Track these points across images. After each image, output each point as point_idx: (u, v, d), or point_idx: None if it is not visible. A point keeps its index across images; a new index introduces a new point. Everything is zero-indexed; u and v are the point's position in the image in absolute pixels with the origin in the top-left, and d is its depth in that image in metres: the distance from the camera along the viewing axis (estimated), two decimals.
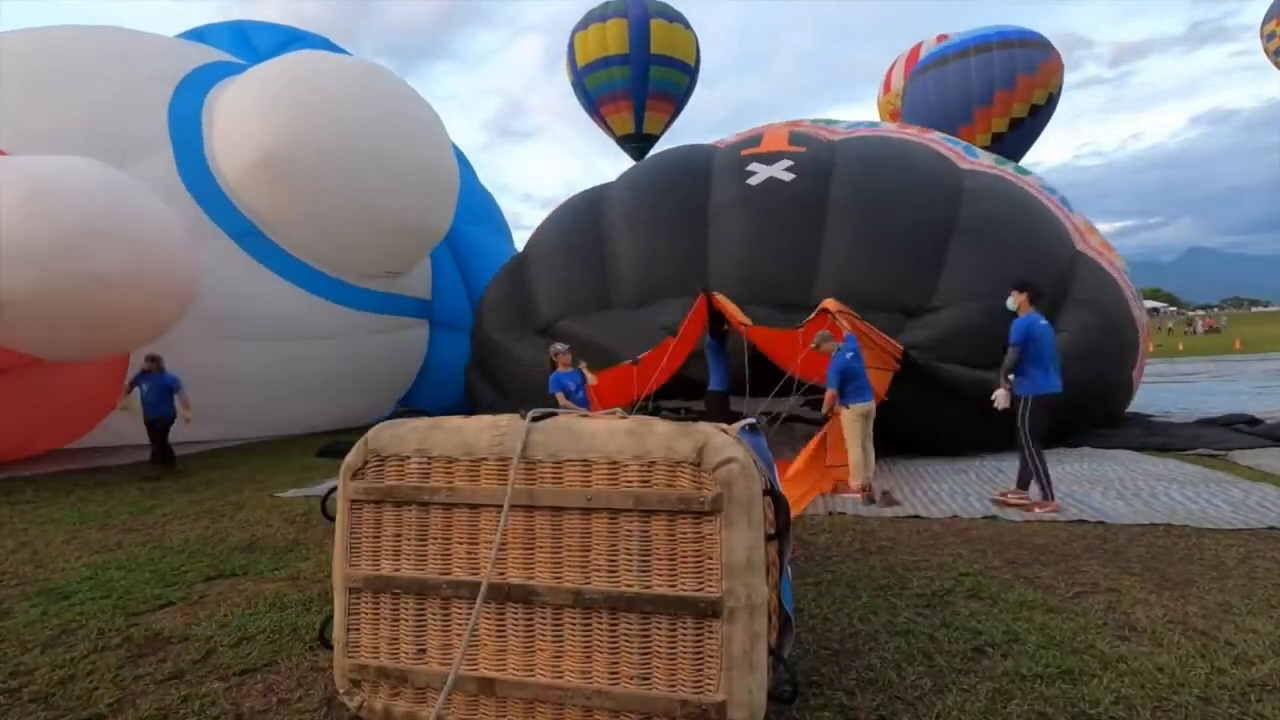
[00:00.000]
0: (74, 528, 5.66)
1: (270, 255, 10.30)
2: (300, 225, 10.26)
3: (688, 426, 2.30)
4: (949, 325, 7.87)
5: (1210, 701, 2.55)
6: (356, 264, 10.93)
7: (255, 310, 10.15)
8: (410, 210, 10.79)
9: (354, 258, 10.83)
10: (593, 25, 26.15)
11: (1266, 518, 4.87)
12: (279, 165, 9.74)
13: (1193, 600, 3.46)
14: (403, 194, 10.53)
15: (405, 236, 11.16)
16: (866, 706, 2.57)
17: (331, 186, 10.03)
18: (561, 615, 2.27)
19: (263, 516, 5.84)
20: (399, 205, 10.53)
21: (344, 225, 10.34)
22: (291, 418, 11.24)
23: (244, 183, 9.99)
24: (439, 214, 11.50)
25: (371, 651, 2.48)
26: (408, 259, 11.66)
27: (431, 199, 11.21)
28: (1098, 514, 5.11)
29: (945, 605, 3.49)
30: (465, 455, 2.43)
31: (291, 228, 10.27)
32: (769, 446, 2.77)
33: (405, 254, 11.52)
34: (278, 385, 10.63)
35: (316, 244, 10.48)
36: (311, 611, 3.60)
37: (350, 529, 2.54)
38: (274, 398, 10.74)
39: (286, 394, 10.79)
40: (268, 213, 10.16)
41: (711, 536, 2.16)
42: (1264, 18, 31.49)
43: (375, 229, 10.56)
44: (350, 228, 10.39)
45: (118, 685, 2.91)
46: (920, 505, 5.60)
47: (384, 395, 12.27)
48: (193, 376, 8.83)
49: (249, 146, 9.81)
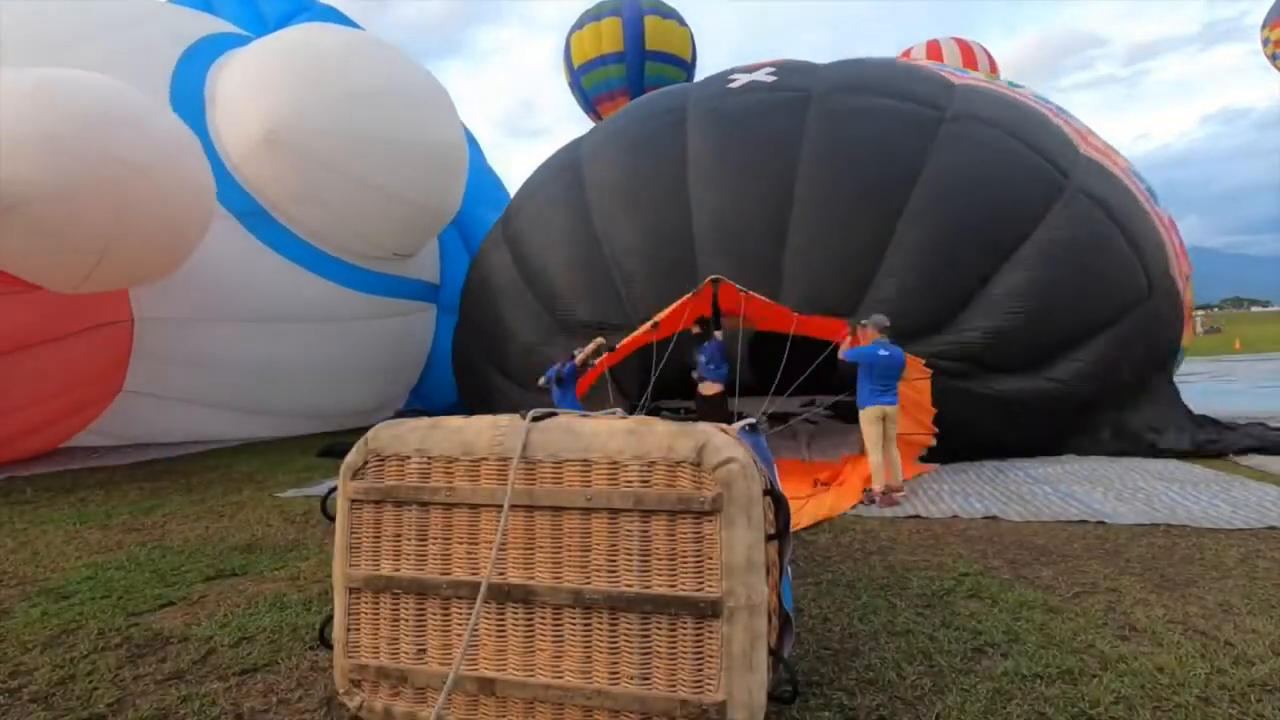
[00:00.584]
0: (74, 528, 5.66)
1: (275, 235, 10.04)
2: (305, 205, 10.01)
3: (688, 426, 2.30)
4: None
5: (1210, 701, 2.55)
6: (363, 245, 10.65)
7: (259, 291, 9.88)
8: (418, 189, 10.48)
9: (360, 238, 10.54)
10: (588, 25, 26.16)
11: (1266, 518, 4.87)
12: (282, 142, 9.49)
13: (1193, 600, 3.46)
14: (410, 172, 10.25)
15: (413, 216, 10.85)
16: (866, 706, 2.57)
17: (336, 164, 9.78)
18: (561, 615, 2.27)
19: (263, 516, 5.84)
20: (406, 184, 10.24)
21: (350, 204, 10.09)
22: (298, 404, 10.95)
23: (247, 160, 9.73)
24: (448, 193, 11.18)
25: (371, 651, 2.48)
26: (416, 240, 11.35)
27: (440, 177, 10.89)
28: (1098, 514, 5.11)
29: (945, 605, 3.49)
30: (465, 455, 2.43)
31: (296, 207, 10.01)
32: (769, 446, 2.77)
33: (413, 235, 11.20)
34: (282, 369, 10.36)
35: (322, 224, 10.20)
36: (311, 611, 3.60)
37: (350, 529, 2.54)
38: (279, 382, 10.47)
39: (292, 378, 10.53)
40: (272, 192, 9.88)
41: (711, 536, 2.16)
42: (1264, 20, 31.44)
43: (382, 208, 10.29)
44: (356, 207, 10.13)
45: (118, 685, 2.91)
46: (920, 505, 5.60)
47: (395, 382, 12.03)
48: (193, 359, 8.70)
49: (252, 123, 9.55)
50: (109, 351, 8.95)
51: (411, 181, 10.32)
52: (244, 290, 9.75)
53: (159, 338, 9.32)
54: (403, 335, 11.82)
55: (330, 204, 10.04)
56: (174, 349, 9.45)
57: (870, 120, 8.21)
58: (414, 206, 10.68)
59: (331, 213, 10.14)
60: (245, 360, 10.00)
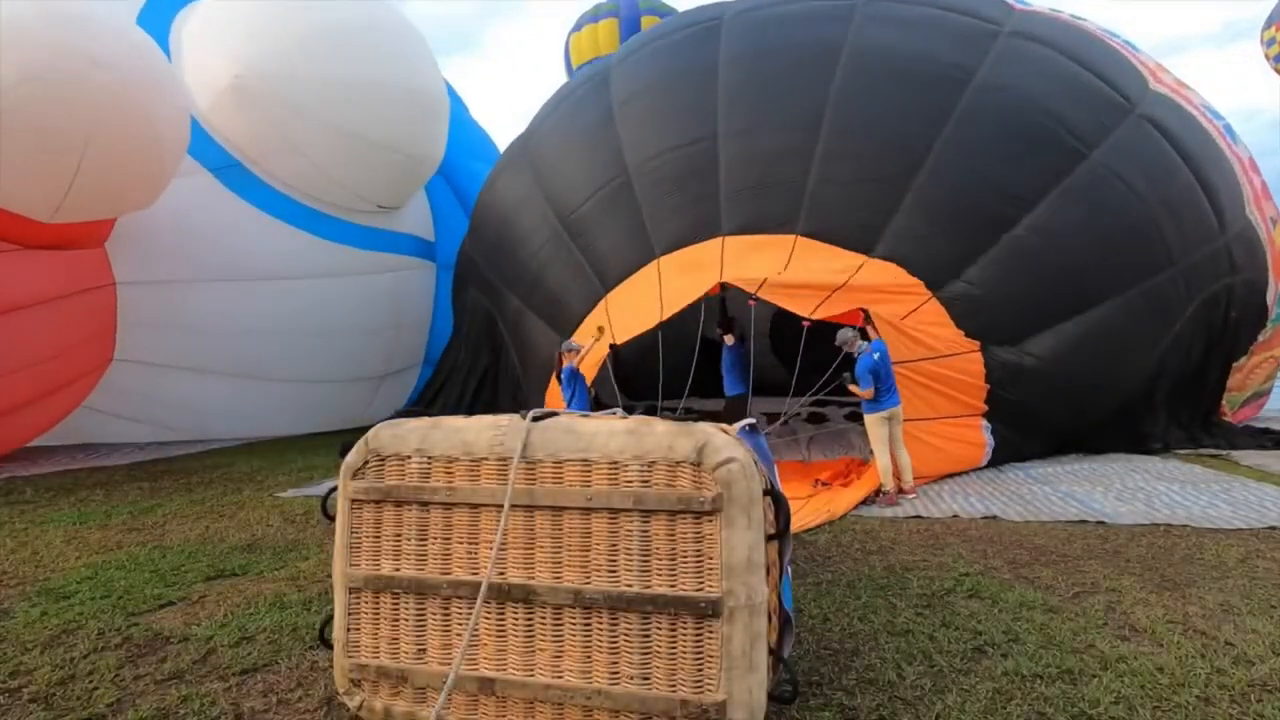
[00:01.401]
0: (74, 528, 5.66)
1: (252, 189, 9.64)
2: (280, 155, 9.60)
3: (688, 426, 2.30)
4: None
5: (1210, 701, 2.55)
6: (343, 196, 10.18)
7: (239, 249, 9.49)
8: (394, 134, 10.05)
9: (339, 189, 10.08)
10: (585, 27, 26.21)
11: (1266, 518, 4.87)
12: (250, 89, 9.12)
13: (1193, 600, 3.46)
14: (385, 117, 9.83)
15: (392, 164, 10.36)
16: (866, 706, 2.57)
17: (309, 110, 9.38)
18: (561, 615, 2.27)
19: (263, 516, 5.83)
20: (382, 129, 9.83)
21: (327, 153, 9.69)
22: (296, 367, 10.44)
23: (216, 110, 9.32)
24: (427, 139, 10.73)
25: (371, 651, 2.48)
26: (398, 190, 10.87)
27: (417, 123, 10.44)
28: (1098, 514, 5.11)
29: (945, 605, 3.49)
30: (465, 455, 2.44)
31: (271, 158, 9.61)
32: (770, 446, 2.77)
33: (395, 184, 10.70)
34: (274, 330, 9.94)
35: (299, 175, 9.78)
36: (311, 611, 3.60)
37: (350, 529, 2.54)
38: (272, 344, 10.02)
39: (286, 339, 10.08)
40: (244, 143, 9.50)
41: (711, 536, 2.16)
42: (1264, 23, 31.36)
43: (361, 156, 9.87)
44: (334, 155, 9.74)
45: (118, 685, 2.91)
46: (920, 505, 5.59)
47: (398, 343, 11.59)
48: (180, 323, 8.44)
49: (217, 71, 9.17)
50: (96, 316, 8.77)
51: (387, 127, 9.90)
52: (223, 248, 9.40)
53: (142, 302, 9.08)
54: (398, 292, 11.35)
55: (306, 153, 9.64)
56: (158, 313, 9.15)
57: (918, 31, 7.59)
58: (394, 153, 10.21)
59: (309, 163, 9.72)
60: (233, 322, 9.64)
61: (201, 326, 9.43)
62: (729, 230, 7.41)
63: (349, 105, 9.55)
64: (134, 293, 9.02)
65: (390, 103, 9.92)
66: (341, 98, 9.51)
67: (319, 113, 9.50)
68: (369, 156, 10.00)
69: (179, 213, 8.39)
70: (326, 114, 9.52)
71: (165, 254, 8.99)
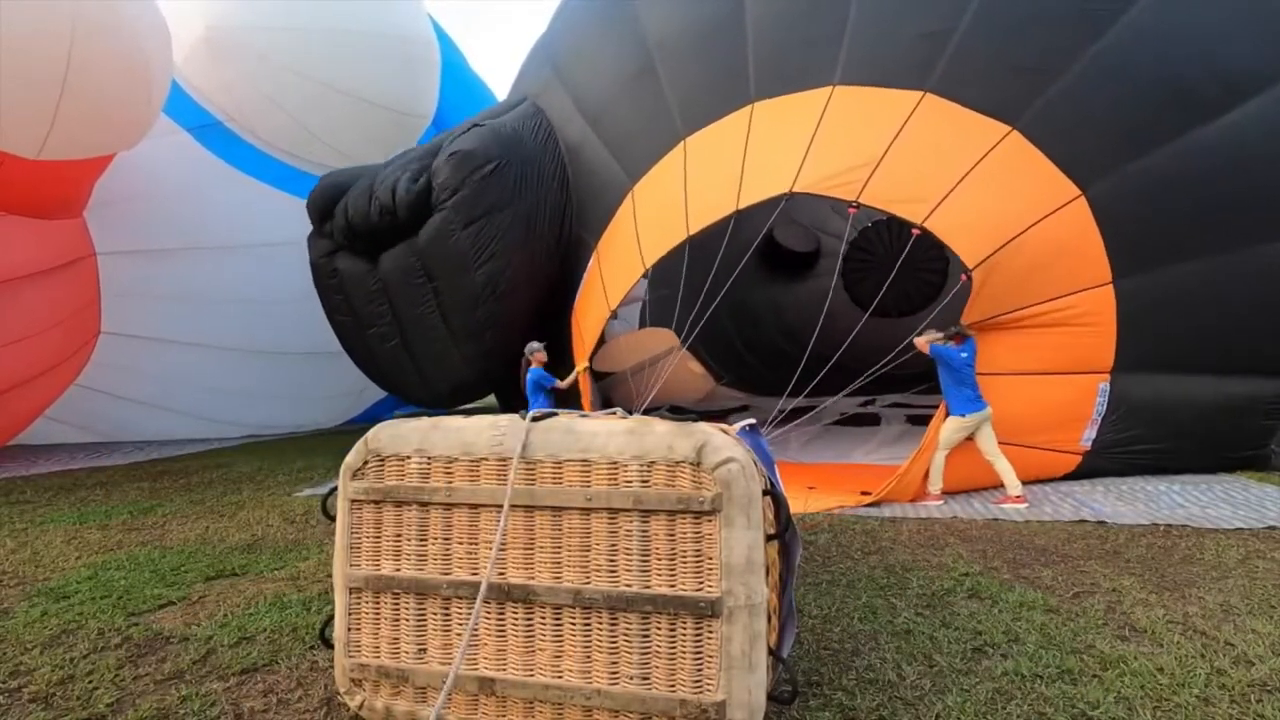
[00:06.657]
0: (74, 528, 5.66)
1: (233, 150, 9.14)
2: (257, 110, 9.09)
3: (687, 426, 2.31)
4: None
5: (1210, 701, 2.55)
6: (327, 154, 9.50)
7: (221, 214, 9.03)
8: (379, 85, 9.51)
9: (323, 145, 9.48)
10: None
11: (1266, 518, 4.87)
12: (224, 40, 8.70)
13: (1193, 600, 3.46)
14: (368, 68, 9.30)
15: (378, 117, 9.73)
16: (866, 706, 2.57)
17: (286, 62, 8.87)
18: (561, 615, 2.28)
19: (263, 516, 5.84)
20: (364, 82, 9.31)
21: (309, 108, 9.16)
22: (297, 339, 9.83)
23: (190, 65, 8.84)
24: (416, 90, 10.13)
25: (372, 651, 2.49)
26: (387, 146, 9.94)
27: (405, 72, 9.87)
28: (1098, 514, 5.11)
29: (945, 605, 3.49)
30: (465, 455, 2.44)
31: (249, 114, 9.10)
32: (770, 446, 2.77)
33: (383, 139, 9.81)
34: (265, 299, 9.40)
35: (279, 132, 9.26)
36: (311, 611, 3.60)
37: (350, 529, 2.54)
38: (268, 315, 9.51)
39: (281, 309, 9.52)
40: (222, 99, 9.01)
41: (711, 536, 2.17)
42: None
43: (345, 110, 9.31)
44: (311, 109, 9.19)
45: (118, 685, 2.91)
46: (921, 505, 5.59)
47: None
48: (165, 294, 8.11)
49: (190, 23, 8.72)
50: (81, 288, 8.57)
51: (371, 77, 9.37)
52: (203, 213, 8.98)
53: (123, 272, 8.82)
54: None
55: (287, 108, 9.11)
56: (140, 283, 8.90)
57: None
58: (378, 107, 9.60)
59: (288, 117, 9.19)
60: (221, 291, 9.24)
61: (188, 296, 9.05)
62: (840, 80, 6.22)
63: (328, 56, 9.10)
64: (114, 264, 8.73)
65: (373, 53, 9.35)
66: (320, 48, 9.03)
67: (298, 65, 9.00)
68: (351, 111, 9.44)
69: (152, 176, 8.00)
70: (304, 65, 8.98)
71: (140, 221, 8.63)
